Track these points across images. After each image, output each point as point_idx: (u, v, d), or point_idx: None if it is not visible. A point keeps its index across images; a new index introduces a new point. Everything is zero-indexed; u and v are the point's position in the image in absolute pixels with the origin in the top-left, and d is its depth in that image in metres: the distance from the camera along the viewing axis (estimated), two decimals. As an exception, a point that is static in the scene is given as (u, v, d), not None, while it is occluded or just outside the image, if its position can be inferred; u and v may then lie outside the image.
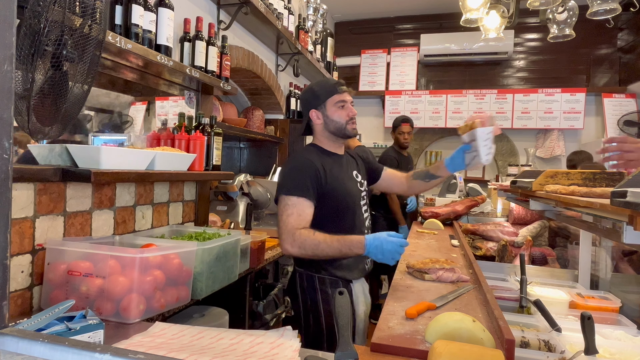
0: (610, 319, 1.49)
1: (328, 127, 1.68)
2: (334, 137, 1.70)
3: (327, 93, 1.67)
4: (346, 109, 1.68)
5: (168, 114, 2.31)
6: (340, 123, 1.67)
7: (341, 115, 1.67)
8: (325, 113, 1.67)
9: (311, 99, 1.70)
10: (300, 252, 1.48)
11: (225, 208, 2.73)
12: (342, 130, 1.67)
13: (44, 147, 1.38)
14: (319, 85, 1.72)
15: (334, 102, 1.66)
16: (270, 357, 0.90)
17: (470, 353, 0.85)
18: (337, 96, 1.66)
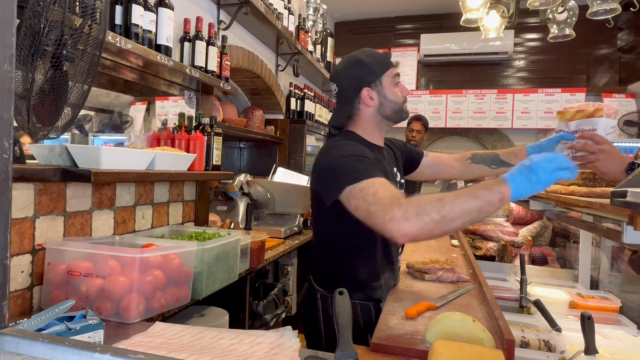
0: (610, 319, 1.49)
1: (383, 110, 1.34)
2: (386, 122, 1.37)
3: (383, 65, 1.33)
4: (401, 85, 1.39)
5: (168, 114, 2.31)
6: (399, 103, 1.35)
7: (398, 92, 1.35)
8: (382, 92, 1.33)
9: (362, 73, 1.33)
10: (422, 221, 0.94)
11: (225, 208, 2.73)
12: (399, 112, 1.36)
13: (44, 147, 1.38)
14: (369, 56, 1.35)
15: (390, 77, 1.34)
16: (270, 357, 0.90)
17: (470, 353, 0.85)
18: (393, 69, 1.34)
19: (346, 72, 1.36)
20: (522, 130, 4.89)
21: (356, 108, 1.36)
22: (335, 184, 1.13)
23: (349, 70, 1.36)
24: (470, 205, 0.94)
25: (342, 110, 1.38)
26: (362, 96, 1.33)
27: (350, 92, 1.35)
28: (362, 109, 1.36)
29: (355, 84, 1.34)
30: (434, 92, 5.12)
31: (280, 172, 3.06)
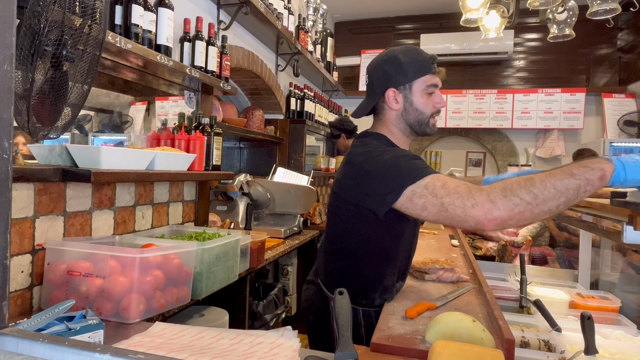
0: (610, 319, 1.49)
1: (408, 116, 1.26)
2: (410, 131, 1.29)
3: (419, 69, 1.24)
4: (436, 97, 1.26)
5: (168, 114, 2.31)
6: (425, 115, 1.25)
7: (428, 104, 1.25)
8: (410, 97, 1.25)
9: (394, 72, 1.24)
10: (510, 204, 0.89)
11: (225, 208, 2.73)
12: (422, 125, 1.26)
13: (44, 147, 1.38)
14: (408, 56, 1.25)
15: (424, 84, 1.24)
16: (270, 357, 0.90)
17: (470, 353, 0.85)
18: (430, 77, 1.24)
19: (379, 66, 1.28)
20: (522, 130, 4.90)
21: (380, 107, 1.30)
22: (393, 187, 1.06)
23: (382, 64, 1.27)
24: (565, 184, 0.87)
25: (366, 104, 1.32)
26: (386, 96, 1.26)
27: (378, 88, 1.28)
28: (386, 109, 1.29)
29: (383, 81, 1.26)
30: (434, 92, 5.12)
31: (280, 172, 3.06)
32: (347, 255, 1.30)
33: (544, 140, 4.86)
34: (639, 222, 0.90)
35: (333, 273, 1.34)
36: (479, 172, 5.16)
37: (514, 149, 5.00)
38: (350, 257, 1.30)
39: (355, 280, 1.28)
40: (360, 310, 1.29)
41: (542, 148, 4.86)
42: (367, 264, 1.27)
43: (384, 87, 1.26)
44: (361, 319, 1.29)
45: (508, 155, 5.01)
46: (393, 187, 1.06)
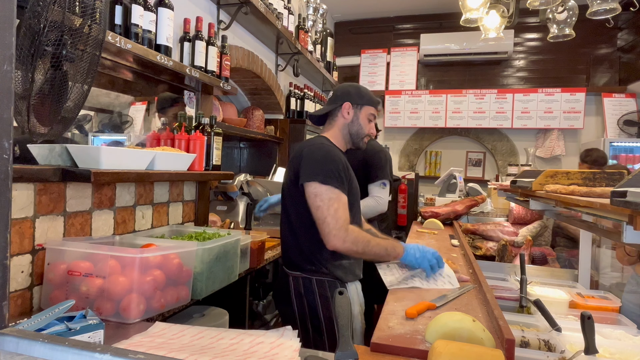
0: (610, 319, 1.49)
1: (351, 127, 1.68)
2: (349, 139, 1.70)
3: (370, 101, 1.70)
4: (372, 125, 1.73)
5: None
6: (363, 132, 1.69)
7: (366, 126, 1.70)
8: (358, 114, 1.68)
9: (354, 93, 1.70)
10: (351, 247, 1.42)
11: (225, 208, 2.73)
12: (359, 138, 1.70)
13: (44, 147, 1.38)
14: (366, 91, 1.74)
15: (369, 112, 1.70)
16: (270, 357, 0.90)
17: (470, 353, 0.85)
18: (374, 109, 1.71)
19: (345, 87, 1.73)
20: (522, 130, 4.90)
21: (335, 113, 1.70)
22: (312, 174, 1.47)
23: (348, 87, 1.73)
24: (379, 254, 1.49)
25: (326, 108, 1.73)
26: (343, 106, 1.68)
27: (339, 99, 1.70)
28: (339, 117, 1.69)
29: (345, 96, 1.69)
30: (434, 92, 5.12)
31: (281, 172, 3.06)
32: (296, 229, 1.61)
33: (544, 140, 4.86)
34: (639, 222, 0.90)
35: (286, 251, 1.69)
36: (479, 172, 5.16)
37: (514, 148, 5.00)
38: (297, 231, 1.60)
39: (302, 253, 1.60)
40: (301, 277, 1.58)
41: (542, 148, 4.86)
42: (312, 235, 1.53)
43: (344, 100, 1.68)
44: (301, 286, 1.57)
45: (508, 155, 5.01)
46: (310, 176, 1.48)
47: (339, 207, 1.44)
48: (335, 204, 1.43)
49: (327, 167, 1.48)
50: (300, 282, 1.57)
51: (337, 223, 1.41)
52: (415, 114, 5.15)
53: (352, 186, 1.59)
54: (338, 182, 1.47)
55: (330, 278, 1.56)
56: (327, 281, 1.55)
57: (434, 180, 4.56)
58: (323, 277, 1.56)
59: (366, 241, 1.44)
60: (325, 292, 1.54)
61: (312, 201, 1.46)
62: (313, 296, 1.56)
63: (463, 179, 4.22)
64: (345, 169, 1.53)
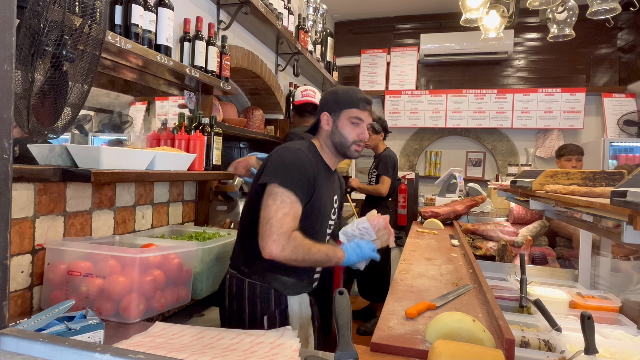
0: (610, 319, 1.49)
1: (333, 137, 1.52)
2: (334, 150, 1.55)
3: (348, 103, 1.52)
4: (359, 128, 1.52)
5: (168, 114, 2.32)
6: (347, 140, 1.51)
7: (351, 132, 1.51)
8: (337, 122, 1.52)
9: (330, 100, 1.55)
10: (290, 256, 1.30)
11: (225, 208, 2.72)
12: (344, 147, 1.52)
13: (44, 147, 1.38)
14: (345, 92, 1.56)
15: (349, 115, 1.51)
16: (270, 357, 0.90)
17: (470, 353, 0.85)
18: (356, 111, 1.51)
19: (323, 96, 1.61)
20: (522, 130, 4.90)
21: (320, 124, 1.57)
22: (272, 175, 1.38)
23: (325, 95, 1.61)
24: (320, 260, 1.39)
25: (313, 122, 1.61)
26: (321, 117, 1.56)
27: (319, 110, 1.59)
28: (321, 128, 1.57)
29: (322, 106, 1.57)
30: (434, 91, 5.12)
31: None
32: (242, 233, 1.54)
33: (544, 140, 4.86)
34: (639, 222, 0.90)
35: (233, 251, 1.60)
36: (479, 172, 5.15)
37: (514, 148, 5.00)
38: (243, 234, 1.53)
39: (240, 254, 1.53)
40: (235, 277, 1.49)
41: (542, 148, 4.86)
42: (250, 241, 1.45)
43: (322, 110, 1.56)
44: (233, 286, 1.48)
45: (508, 155, 5.01)
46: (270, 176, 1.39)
47: (289, 213, 1.32)
48: (286, 208, 1.32)
49: (292, 171, 1.38)
50: (234, 282, 1.48)
51: (281, 228, 1.29)
52: (415, 114, 5.15)
53: (319, 204, 1.47)
54: (299, 190, 1.36)
55: (265, 284, 1.46)
56: (259, 286, 1.45)
57: (434, 180, 4.56)
58: (256, 282, 1.46)
59: (307, 249, 1.32)
60: (255, 297, 1.45)
61: (264, 200, 1.35)
62: (241, 300, 1.46)
63: (463, 179, 4.22)
64: (312, 180, 1.41)
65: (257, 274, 1.45)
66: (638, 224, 0.90)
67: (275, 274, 1.45)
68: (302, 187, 1.38)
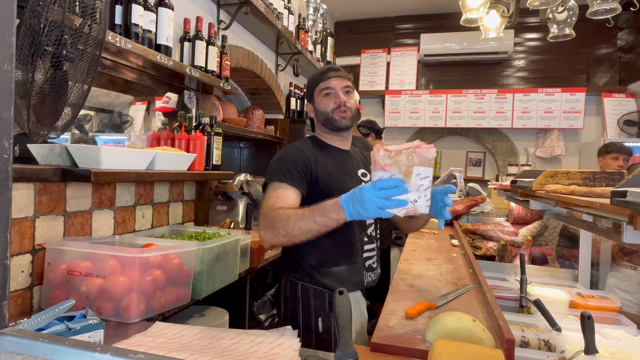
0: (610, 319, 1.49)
1: (318, 118, 1.54)
2: (326, 128, 1.54)
3: (314, 83, 1.54)
4: (332, 96, 1.50)
5: (168, 114, 2.31)
6: (326, 113, 1.50)
7: (327, 104, 1.50)
8: (315, 105, 1.54)
9: (307, 93, 1.62)
10: (273, 234, 1.21)
11: (225, 208, 2.73)
12: (329, 120, 1.50)
13: (44, 147, 1.38)
14: (311, 77, 1.59)
15: (319, 91, 1.52)
16: (270, 357, 0.90)
17: (470, 352, 0.85)
18: (322, 84, 1.51)
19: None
20: (522, 130, 4.90)
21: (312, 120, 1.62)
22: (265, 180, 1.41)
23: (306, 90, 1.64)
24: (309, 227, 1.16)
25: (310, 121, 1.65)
26: (307, 110, 1.61)
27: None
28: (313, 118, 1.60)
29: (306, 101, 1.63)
30: (434, 91, 5.12)
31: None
32: None
33: (544, 140, 4.86)
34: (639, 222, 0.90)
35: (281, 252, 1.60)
36: (479, 172, 5.15)
37: (514, 148, 5.00)
38: None
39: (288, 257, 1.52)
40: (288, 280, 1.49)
41: (542, 148, 4.86)
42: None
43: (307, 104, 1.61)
44: (287, 289, 1.49)
45: (508, 155, 5.01)
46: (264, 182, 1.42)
47: (271, 196, 1.31)
48: (268, 194, 1.33)
49: (278, 164, 1.39)
50: (288, 285, 1.49)
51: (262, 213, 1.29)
52: (415, 114, 5.15)
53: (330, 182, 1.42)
54: (287, 176, 1.35)
55: (318, 286, 1.44)
56: (312, 289, 1.44)
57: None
58: (308, 284, 1.45)
59: (284, 219, 1.18)
60: (309, 299, 1.44)
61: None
62: (296, 302, 1.46)
63: (463, 179, 4.22)
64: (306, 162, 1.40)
65: (306, 276, 1.45)
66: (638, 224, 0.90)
67: (321, 269, 1.44)
68: (292, 172, 1.36)
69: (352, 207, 1.06)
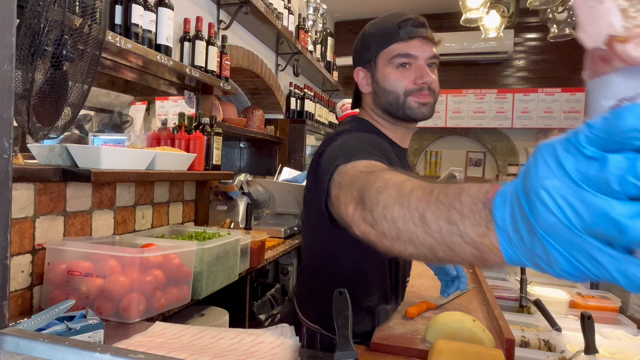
0: (610, 319, 1.49)
1: (379, 99, 1.03)
2: (389, 117, 1.03)
3: (382, 39, 1.02)
4: (411, 70, 1.00)
5: (168, 114, 2.31)
6: (396, 94, 0.99)
7: (400, 80, 0.99)
8: (375, 74, 1.03)
9: (360, 48, 1.08)
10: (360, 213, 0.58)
11: (225, 208, 2.72)
12: (398, 106, 1.00)
13: (44, 147, 1.38)
14: (374, 25, 1.08)
15: (390, 57, 1.00)
16: (270, 357, 0.90)
17: (470, 352, 0.85)
18: (397, 46, 0.99)
19: (354, 45, 1.12)
20: (522, 129, 4.90)
21: (359, 91, 1.09)
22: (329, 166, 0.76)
23: (356, 42, 1.11)
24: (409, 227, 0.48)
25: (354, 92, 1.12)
26: (355, 77, 1.08)
27: (353, 67, 1.09)
28: (363, 93, 1.08)
29: (354, 62, 1.10)
30: (434, 91, 5.12)
31: (286, 171, 3.06)
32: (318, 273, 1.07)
33: (544, 139, 4.86)
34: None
35: (304, 293, 1.14)
36: (479, 172, 5.15)
37: (514, 148, 5.00)
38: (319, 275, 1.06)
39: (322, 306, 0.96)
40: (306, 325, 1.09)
41: (542, 148, 4.86)
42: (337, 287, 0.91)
43: (354, 67, 1.09)
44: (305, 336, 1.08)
45: (508, 155, 5.01)
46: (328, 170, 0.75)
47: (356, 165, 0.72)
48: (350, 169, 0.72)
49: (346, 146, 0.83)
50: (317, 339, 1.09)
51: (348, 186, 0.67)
52: (415, 114, 5.15)
53: None
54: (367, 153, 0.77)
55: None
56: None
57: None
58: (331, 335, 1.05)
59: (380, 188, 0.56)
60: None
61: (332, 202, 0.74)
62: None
63: (463, 179, 4.22)
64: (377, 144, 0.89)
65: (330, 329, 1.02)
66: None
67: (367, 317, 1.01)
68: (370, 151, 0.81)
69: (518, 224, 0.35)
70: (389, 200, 0.52)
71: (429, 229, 0.45)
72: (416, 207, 0.47)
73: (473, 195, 0.41)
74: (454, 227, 0.42)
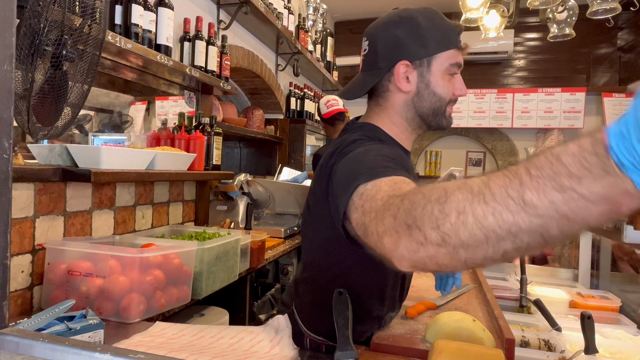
0: (611, 319, 1.49)
1: (421, 102, 0.96)
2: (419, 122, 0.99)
3: (443, 39, 0.95)
4: (459, 80, 0.99)
5: (168, 114, 2.31)
6: (443, 101, 0.96)
7: (448, 88, 0.96)
8: (427, 77, 0.95)
9: (409, 39, 0.94)
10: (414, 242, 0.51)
11: (225, 208, 2.73)
12: (438, 114, 0.97)
13: (44, 147, 1.39)
14: (430, 20, 0.95)
15: (448, 62, 0.95)
16: (270, 356, 0.90)
17: (470, 352, 0.85)
18: (455, 53, 0.97)
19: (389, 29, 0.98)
20: (522, 129, 4.90)
21: (383, 87, 0.98)
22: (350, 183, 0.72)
23: (393, 27, 0.97)
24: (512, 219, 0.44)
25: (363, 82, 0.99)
26: (395, 71, 0.94)
27: (384, 60, 0.96)
28: (392, 91, 0.97)
29: (393, 51, 0.94)
30: (434, 91, 5.12)
31: (286, 171, 3.07)
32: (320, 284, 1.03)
33: (544, 139, 4.86)
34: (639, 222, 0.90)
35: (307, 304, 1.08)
36: (479, 172, 5.16)
37: (514, 148, 5.00)
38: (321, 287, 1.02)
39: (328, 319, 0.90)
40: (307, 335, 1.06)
41: (542, 147, 4.86)
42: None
43: (394, 59, 0.94)
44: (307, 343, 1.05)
45: (508, 155, 5.01)
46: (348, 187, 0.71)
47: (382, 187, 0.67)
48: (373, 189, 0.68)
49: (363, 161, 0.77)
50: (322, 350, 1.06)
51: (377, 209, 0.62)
52: (415, 114, 5.15)
53: None
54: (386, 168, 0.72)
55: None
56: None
57: (434, 180, 4.56)
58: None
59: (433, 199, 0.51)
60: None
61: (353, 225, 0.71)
62: None
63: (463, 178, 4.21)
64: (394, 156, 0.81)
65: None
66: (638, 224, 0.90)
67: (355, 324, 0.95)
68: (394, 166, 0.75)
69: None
70: (462, 205, 0.47)
71: (536, 208, 0.42)
72: (505, 196, 0.43)
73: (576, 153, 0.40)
74: (571, 192, 0.40)
